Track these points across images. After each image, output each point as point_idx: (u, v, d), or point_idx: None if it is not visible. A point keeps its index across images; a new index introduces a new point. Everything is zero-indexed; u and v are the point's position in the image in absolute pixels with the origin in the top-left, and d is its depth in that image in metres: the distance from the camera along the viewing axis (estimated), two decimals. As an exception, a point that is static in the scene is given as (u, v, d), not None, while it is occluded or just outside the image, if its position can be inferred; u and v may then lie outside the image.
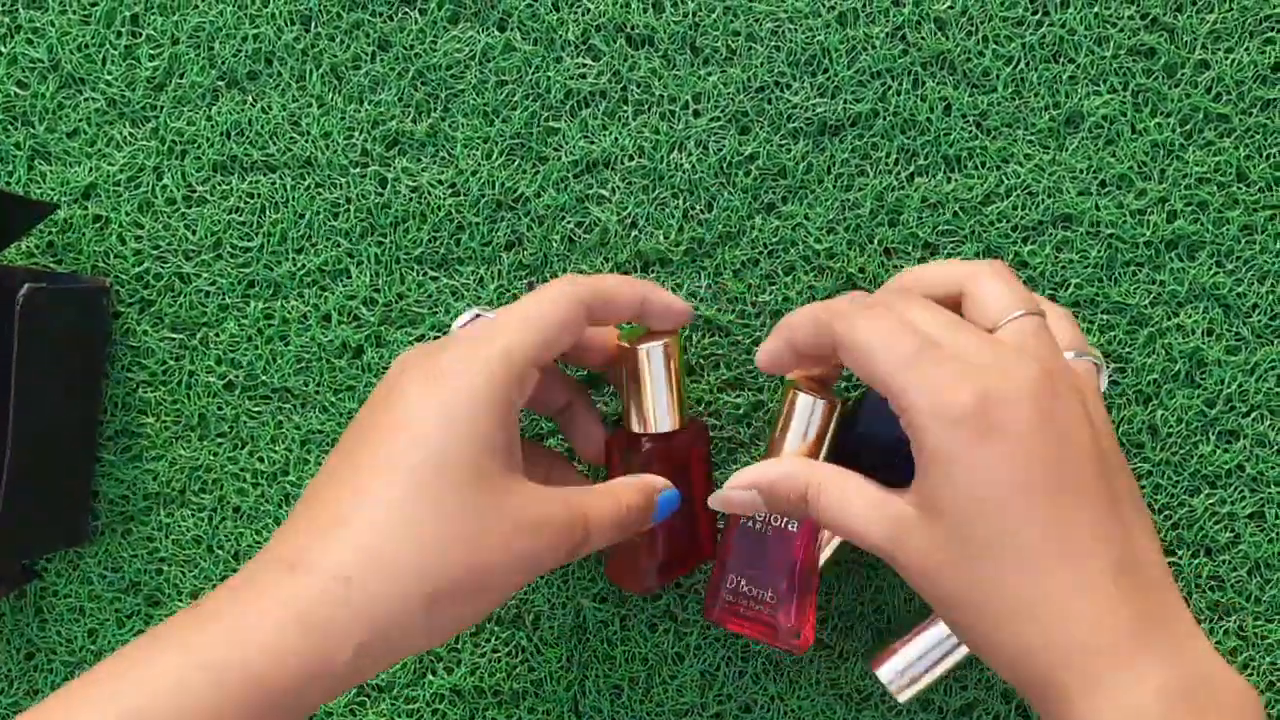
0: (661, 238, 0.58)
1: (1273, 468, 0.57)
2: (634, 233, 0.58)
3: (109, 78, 0.59)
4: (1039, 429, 0.42)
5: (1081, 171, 0.57)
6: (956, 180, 0.57)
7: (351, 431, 0.47)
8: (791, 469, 0.49)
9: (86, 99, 0.59)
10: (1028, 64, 0.57)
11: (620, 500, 0.50)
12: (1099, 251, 0.57)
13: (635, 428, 0.53)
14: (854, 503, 0.47)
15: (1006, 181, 0.57)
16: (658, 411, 0.53)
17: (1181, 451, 0.57)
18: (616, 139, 0.58)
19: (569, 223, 0.58)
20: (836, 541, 0.56)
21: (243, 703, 0.40)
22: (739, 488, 0.50)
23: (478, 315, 0.51)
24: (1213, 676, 0.42)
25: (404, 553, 0.43)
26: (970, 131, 0.57)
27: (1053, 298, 0.57)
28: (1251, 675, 0.58)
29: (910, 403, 0.43)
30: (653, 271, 0.58)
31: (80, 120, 0.59)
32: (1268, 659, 0.58)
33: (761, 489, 0.49)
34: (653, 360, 0.52)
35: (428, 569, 0.43)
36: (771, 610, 0.53)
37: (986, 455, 0.42)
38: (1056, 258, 0.57)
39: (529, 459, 0.50)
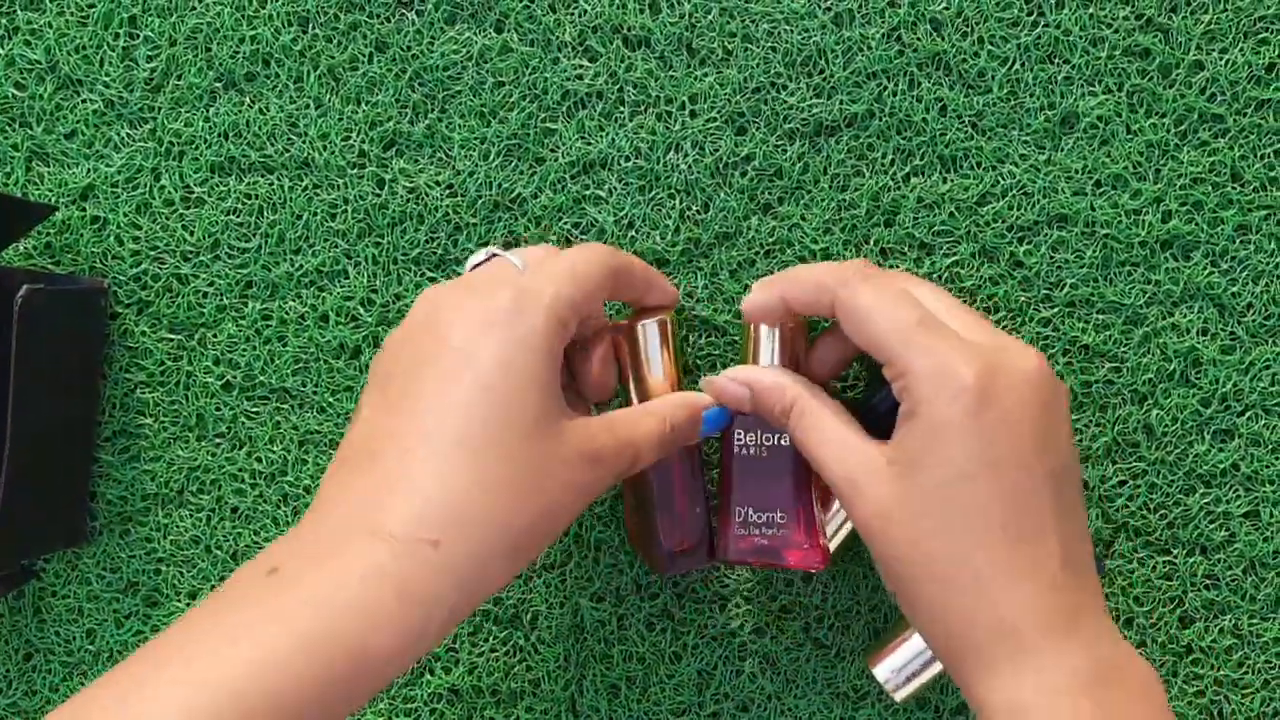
0: (658, 238, 0.58)
1: (1268, 467, 0.57)
2: (631, 233, 0.58)
3: (107, 79, 0.59)
4: (1033, 415, 0.45)
5: (1077, 172, 0.57)
6: (952, 180, 0.57)
7: (392, 381, 0.46)
8: (781, 380, 0.51)
9: (84, 100, 0.59)
10: (1023, 64, 0.57)
11: (665, 419, 0.51)
12: (1094, 251, 0.57)
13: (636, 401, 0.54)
14: (827, 433, 0.48)
15: (1002, 182, 0.57)
16: (653, 382, 0.54)
17: (1177, 451, 0.58)
18: (613, 140, 0.58)
19: (566, 223, 0.58)
20: (847, 528, 0.56)
21: (348, 677, 0.39)
22: (734, 380, 0.52)
23: (494, 255, 0.50)
24: (1122, 664, 0.44)
25: (485, 508, 0.43)
26: (966, 132, 0.57)
27: (1048, 298, 0.57)
28: (1247, 673, 0.58)
29: (909, 367, 0.45)
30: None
31: (78, 121, 0.59)
32: (1262, 657, 0.58)
33: (753, 388, 0.51)
34: (649, 335, 0.54)
35: (510, 523, 0.43)
36: (784, 530, 0.53)
37: (978, 427, 0.44)
38: (1052, 258, 0.57)
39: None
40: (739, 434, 0.54)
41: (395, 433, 0.44)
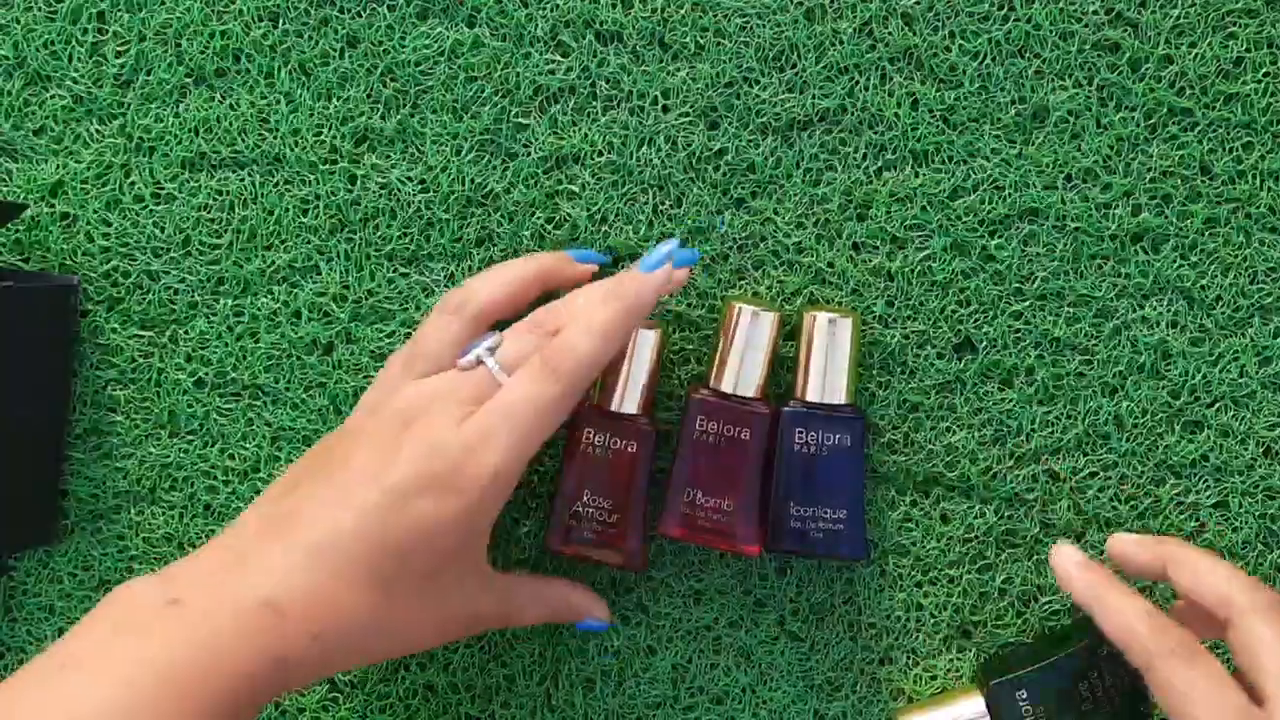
0: (631, 233, 0.58)
1: (1236, 458, 0.58)
2: (604, 228, 0.58)
3: (75, 75, 0.59)
4: None
5: (1047, 166, 0.57)
6: (924, 175, 0.58)
7: (318, 471, 0.51)
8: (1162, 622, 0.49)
9: (53, 96, 0.59)
10: (994, 59, 0.57)
11: (553, 611, 0.56)
12: (1065, 245, 0.58)
13: (611, 404, 0.56)
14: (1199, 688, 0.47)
15: (973, 176, 0.57)
16: (629, 392, 0.55)
17: (1147, 442, 0.58)
18: (586, 134, 0.58)
19: (539, 218, 0.58)
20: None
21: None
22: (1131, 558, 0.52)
23: (480, 362, 0.52)
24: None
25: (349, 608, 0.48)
26: (937, 126, 0.57)
27: (1020, 291, 0.58)
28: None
29: None
30: (623, 266, 0.58)
31: (46, 117, 0.59)
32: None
33: (1139, 630, 0.49)
34: (640, 342, 0.55)
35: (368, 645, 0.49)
36: (729, 519, 0.55)
37: None
38: (1023, 251, 0.58)
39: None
40: (700, 420, 0.55)
41: (292, 524, 0.49)
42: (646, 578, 0.59)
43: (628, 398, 0.56)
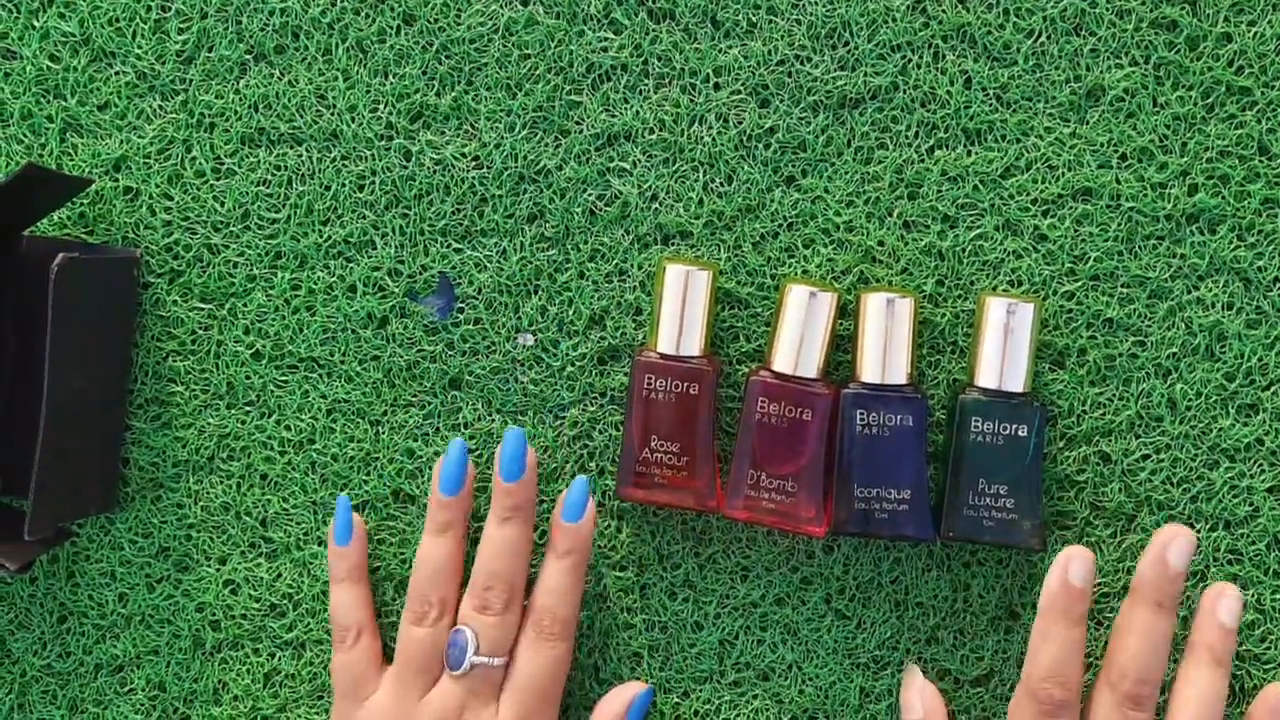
0: (681, 210, 0.58)
1: (1292, 442, 0.57)
2: (654, 205, 0.58)
3: (139, 51, 0.59)
4: None
5: (1102, 145, 0.57)
6: (976, 153, 0.57)
7: None
8: None
9: (117, 73, 0.60)
10: (1049, 37, 0.56)
11: None
12: (1119, 225, 0.57)
13: (664, 347, 0.55)
14: None
15: (1026, 155, 0.57)
16: (685, 335, 0.55)
17: (1200, 425, 0.57)
18: (637, 112, 0.58)
19: (590, 195, 0.59)
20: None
21: None
22: None
23: (473, 665, 0.56)
24: None
25: None
26: (990, 105, 0.57)
27: (1072, 271, 0.57)
28: (1269, 648, 0.58)
29: None
30: (673, 244, 0.58)
31: (111, 94, 0.60)
32: (1285, 632, 0.58)
33: None
34: (693, 283, 0.55)
35: None
36: (792, 500, 0.55)
37: None
38: (1076, 231, 0.57)
39: None
40: (761, 401, 0.55)
41: None
42: (694, 553, 0.59)
43: (685, 341, 0.56)
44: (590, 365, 0.59)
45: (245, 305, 0.60)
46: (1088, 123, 0.57)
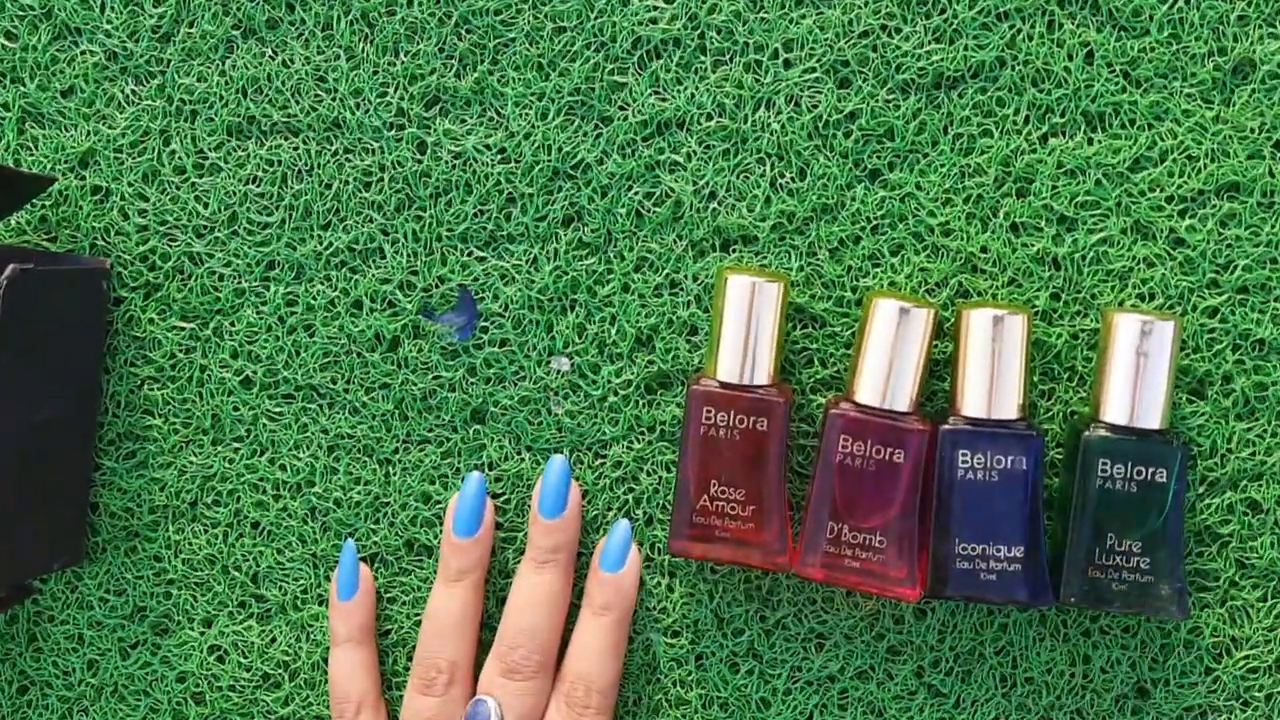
0: (745, 211, 0.55)
1: None
2: (712, 205, 0.55)
3: (109, 27, 0.57)
4: None
5: (1252, 131, 0.53)
6: (1099, 142, 0.53)
7: None
8: None
9: (84, 52, 0.57)
10: (1188, 1, 0.53)
11: None
12: (1272, 227, 0.53)
13: (725, 375, 0.52)
14: None
15: (1160, 143, 0.53)
16: (752, 360, 0.52)
17: (1372, 466, 0.53)
18: (693, 95, 0.55)
19: (637, 194, 0.55)
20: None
21: None
22: None
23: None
24: None
25: None
26: (1117, 83, 0.53)
27: (1215, 283, 0.53)
28: None
29: None
30: (734, 251, 0.55)
31: (76, 77, 0.57)
32: None
33: None
34: (761, 296, 0.51)
35: None
36: (880, 557, 0.52)
37: None
38: (1220, 234, 0.53)
39: None
40: (843, 440, 0.51)
41: None
42: (759, 617, 0.56)
43: (750, 367, 0.52)
44: (637, 395, 0.56)
45: (233, 324, 0.58)
46: (1234, 104, 0.53)
